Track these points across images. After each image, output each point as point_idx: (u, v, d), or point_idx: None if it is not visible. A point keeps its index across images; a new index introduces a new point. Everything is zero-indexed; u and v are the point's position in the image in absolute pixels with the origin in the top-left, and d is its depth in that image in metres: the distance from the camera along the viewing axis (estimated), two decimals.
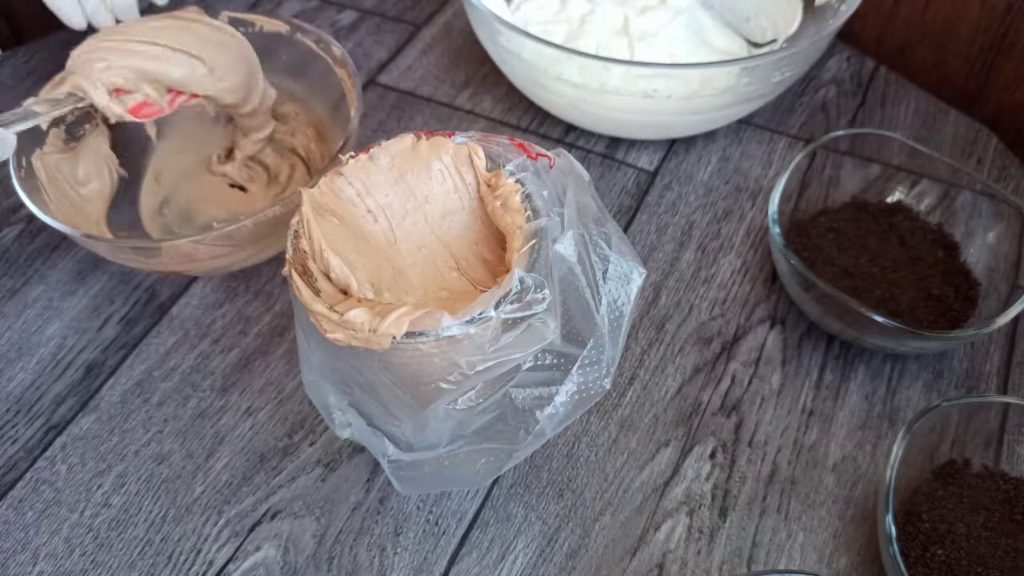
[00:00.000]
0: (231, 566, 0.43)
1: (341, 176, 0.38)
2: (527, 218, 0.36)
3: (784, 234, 0.50)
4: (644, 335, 0.52)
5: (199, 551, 0.44)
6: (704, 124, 0.61)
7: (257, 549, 0.44)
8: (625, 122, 0.60)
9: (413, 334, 0.33)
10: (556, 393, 0.36)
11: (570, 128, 0.64)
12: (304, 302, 0.34)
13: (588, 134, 0.64)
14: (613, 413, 0.49)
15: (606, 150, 0.63)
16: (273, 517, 0.45)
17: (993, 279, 0.51)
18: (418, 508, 0.45)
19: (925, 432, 0.43)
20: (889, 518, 0.39)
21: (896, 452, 0.41)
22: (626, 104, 0.57)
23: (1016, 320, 0.52)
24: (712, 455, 0.47)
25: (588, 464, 0.47)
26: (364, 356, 0.35)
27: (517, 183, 0.37)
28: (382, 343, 0.32)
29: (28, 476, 0.47)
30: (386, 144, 0.39)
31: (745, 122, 0.64)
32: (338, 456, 0.47)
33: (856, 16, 0.59)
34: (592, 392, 0.36)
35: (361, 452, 0.47)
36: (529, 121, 0.65)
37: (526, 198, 0.36)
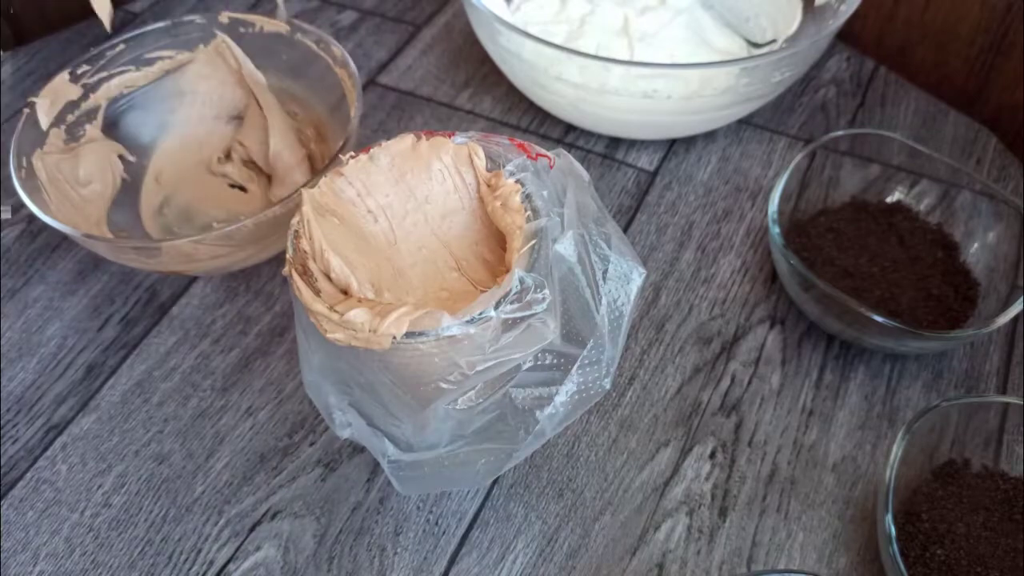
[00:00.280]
0: (231, 566, 0.43)
1: (341, 176, 0.38)
2: (527, 218, 0.36)
3: (784, 234, 0.50)
4: (644, 335, 0.52)
5: (199, 551, 0.44)
6: (704, 124, 0.61)
7: (257, 549, 0.44)
8: (625, 122, 0.60)
9: (413, 334, 0.33)
10: (556, 393, 0.36)
11: (570, 128, 0.64)
12: (304, 302, 0.34)
13: (588, 134, 0.64)
14: (613, 413, 0.49)
15: (606, 150, 0.63)
16: (273, 517, 0.45)
17: (993, 279, 0.51)
18: (418, 508, 0.45)
19: (925, 432, 0.43)
20: (889, 518, 0.39)
21: (896, 452, 0.41)
22: (626, 104, 0.57)
23: (1016, 320, 0.52)
24: (712, 455, 0.47)
25: (588, 464, 0.47)
26: (364, 356, 0.35)
27: (517, 183, 0.37)
28: (382, 343, 0.32)
29: (29, 476, 0.47)
30: (386, 144, 0.39)
31: (745, 122, 0.64)
32: (338, 456, 0.47)
33: (856, 16, 0.59)
34: (592, 392, 0.36)
35: (361, 452, 0.47)
36: (529, 121, 0.65)
37: (526, 198, 0.36)
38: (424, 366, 0.34)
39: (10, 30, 0.81)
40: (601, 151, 0.63)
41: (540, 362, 0.36)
